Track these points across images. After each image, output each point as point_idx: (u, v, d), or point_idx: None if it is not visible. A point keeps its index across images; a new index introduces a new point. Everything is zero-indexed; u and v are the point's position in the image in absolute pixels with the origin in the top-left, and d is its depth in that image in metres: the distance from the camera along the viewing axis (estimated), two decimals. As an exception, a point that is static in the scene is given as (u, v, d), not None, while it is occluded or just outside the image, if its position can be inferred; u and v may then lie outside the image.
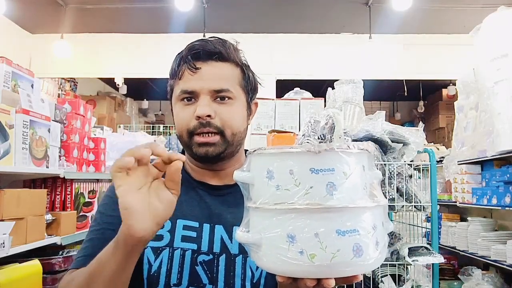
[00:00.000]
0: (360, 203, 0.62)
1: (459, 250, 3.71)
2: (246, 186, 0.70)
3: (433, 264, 1.92)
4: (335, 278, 0.63)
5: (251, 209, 0.68)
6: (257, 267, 0.95)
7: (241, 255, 0.93)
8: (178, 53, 1.00)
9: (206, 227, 0.96)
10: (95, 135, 3.44)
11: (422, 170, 2.04)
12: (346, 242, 0.60)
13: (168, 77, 1.04)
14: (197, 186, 1.02)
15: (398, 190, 1.89)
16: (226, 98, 0.96)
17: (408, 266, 1.95)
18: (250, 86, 1.03)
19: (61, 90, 6.80)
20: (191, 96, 0.95)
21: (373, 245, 0.62)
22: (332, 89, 2.31)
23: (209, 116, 0.93)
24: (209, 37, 1.01)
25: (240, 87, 0.99)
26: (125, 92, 8.11)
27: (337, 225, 0.60)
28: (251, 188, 0.69)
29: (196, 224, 0.96)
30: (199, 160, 1.00)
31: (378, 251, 0.63)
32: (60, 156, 2.61)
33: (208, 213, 0.98)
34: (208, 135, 0.94)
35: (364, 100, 2.19)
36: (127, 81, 7.18)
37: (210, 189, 1.01)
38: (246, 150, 1.10)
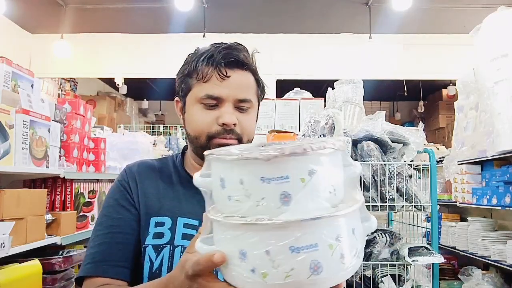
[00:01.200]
0: (320, 214, 0.53)
1: (459, 250, 3.71)
2: (206, 192, 0.64)
3: (433, 264, 1.93)
4: None
5: (208, 217, 0.62)
6: None
7: None
8: (205, 53, 0.97)
9: None
10: (95, 135, 3.44)
11: (422, 170, 2.05)
12: (302, 260, 0.53)
13: (175, 75, 1.03)
14: None
15: (398, 190, 1.89)
16: (246, 108, 0.98)
17: (408, 266, 1.95)
18: (262, 95, 1.07)
19: (61, 90, 6.80)
20: (215, 102, 0.96)
21: (337, 259, 0.54)
22: (332, 89, 2.31)
23: (234, 124, 0.96)
24: (233, 43, 1.00)
25: (256, 96, 1.03)
26: (125, 92, 8.11)
27: (291, 242, 0.53)
28: (212, 193, 0.63)
29: (196, 222, 0.97)
30: None
31: (346, 264, 0.55)
32: (60, 156, 2.61)
33: None
34: (228, 139, 0.96)
35: (364, 100, 2.19)
36: (127, 81, 7.18)
37: None
38: None
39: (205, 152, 0.64)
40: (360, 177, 1.82)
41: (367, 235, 0.66)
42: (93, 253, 0.95)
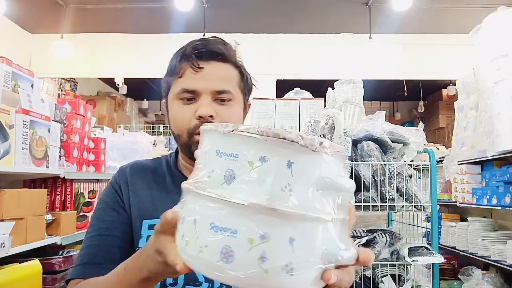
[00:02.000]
0: (251, 201, 0.50)
1: (459, 250, 3.71)
2: None
3: (433, 264, 1.93)
4: None
5: None
6: None
7: None
8: (178, 50, 0.99)
9: None
10: (95, 135, 3.44)
11: (422, 170, 2.05)
12: (216, 240, 0.51)
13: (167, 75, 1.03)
14: None
15: (398, 190, 1.89)
16: (227, 100, 0.96)
17: (408, 266, 1.95)
18: (247, 88, 1.04)
19: (61, 90, 6.80)
20: (191, 96, 0.95)
21: (254, 258, 0.49)
22: (332, 89, 2.31)
23: (211, 116, 0.93)
24: (210, 37, 1.01)
25: (239, 88, 1.00)
26: (125, 92, 8.12)
27: (214, 218, 0.51)
28: None
29: None
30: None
31: (268, 273, 0.49)
32: (60, 156, 2.61)
33: None
34: None
35: (364, 100, 2.19)
36: (127, 81, 7.18)
37: None
38: None
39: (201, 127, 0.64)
40: (360, 177, 1.82)
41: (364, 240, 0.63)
42: (82, 255, 0.94)
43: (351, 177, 1.77)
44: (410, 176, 1.93)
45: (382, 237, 1.89)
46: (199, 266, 0.54)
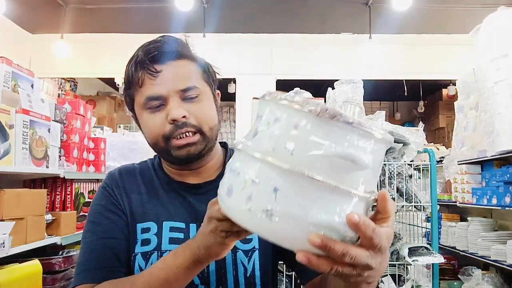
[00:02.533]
0: (252, 152, 0.58)
1: (459, 250, 3.71)
2: None
3: (433, 264, 1.93)
4: None
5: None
6: (248, 261, 0.94)
7: (230, 252, 0.89)
8: (131, 59, 0.96)
9: (193, 227, 0.95)
10: (95, 135, 3.44)
11: (422, 170, 2.05)
12: (227, 179, 0.62)
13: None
14: (177, 187, 1.00)
15: (398, 190, 1.89)
16: (194, 96, 0.93)
17: (408, 266, 1.95)
18: (211, 78, 1.01)
19: (61, 90, 6.80)
20: (159, 102, 0.92)
21: (243, 197, 0.57)
22: (332, 89, 2.31)
23: (184, 117, 0.90)
24: (159, 37, 0.98)
25: (203, 81, 0.97)
26: (125, 92, 8.11)
27: (231, 163, 0.63)
28: None
29: (182, 225, 0.95)
30: (179, 163, 0.97)
31: (250, 210, 0.56)
32: (60, 156, 2.61)
33: (193, 213, 0.96)
34: (187, 135, 0.91)
35: (364, 100, 2.19)
36: (127, 81, 7.18)
37: (191, 188, 0.99)
38: (222, 142, 1.09)
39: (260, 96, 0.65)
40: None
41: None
42: (86, 260, 0.91)
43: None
44: (410, 176, 1.93)
45: (382, 237, 1.89)
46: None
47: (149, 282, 0.78)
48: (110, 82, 7.64)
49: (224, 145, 1.10)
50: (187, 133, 0.91)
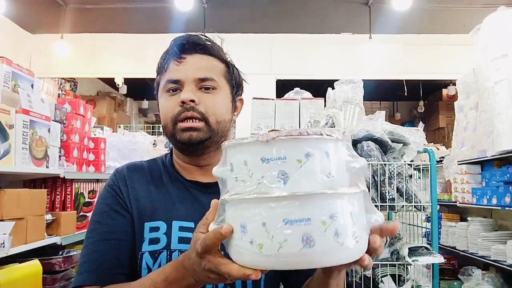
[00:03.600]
0: (314, 191, 0.58)
1: (459, 250, 3.71)
2: (220, 180, 0.70)
3: (433, 264, 1.93)
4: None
5: (220, 202, 0.68)
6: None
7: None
8: (165, 51, 1.02)
9: None
10: (95, 135, 3.44)
11: (422, 170, 2.05)
12: (294, 232, 0.57)
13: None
14: (189, 186, 1.00)
15: (398, 190, 1.89)
16: (211, 88, 0.97)
17: (408, 266, 1.95)
18: (235, 80, 1.04)
19: (61, 90, 6.79)
20: (176, 86, 0.97)
21: (331, 236, 0.57)
22: (332, 89, 2.31)
23: (193, 101, 0.94)
24: (195, 33, 1.03)
25: (224, 79, 1.01)
26: (125, 92, 8.11)
27: (285, 214, 0.58)
28: (225, 182, 0.70)
29: (191, 225, 0.94)
30: (183, 149, 0.99)
31: (343, 245, 0.58)
32: (60, 156, 2.61)
33: (203, 212, 0.95)
34: (192, 121, 0.95)
35: (364, 100, 2.19)
36: (127, 81, 7.18)
37: (202, 188, 1.00)
38: None
39: (223, 143, 0.68)
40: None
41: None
42: (88, 261, 0.91)
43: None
44: (410, 176, 1.93)
45: (382, 237, 1.89)
46: (281, 261, 0.59)
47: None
48: (110, 82, 7.64)
49: None
50: (193, 119, 0.95)
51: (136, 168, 1.03)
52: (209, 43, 1.00)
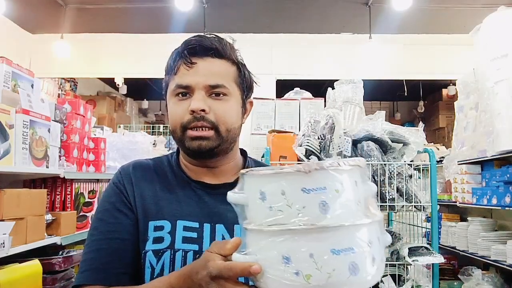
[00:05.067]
0: (354, 221, 0.61)
1: (459, 250, 3.71)
2: (240, 206, 0.70)
3: (433, 264, 1.93)
4: None
5: (247, 230, 0.67)
6: None
7: None
8: (175, 49, 1.00)
9: (207, 227, 0.94)
10: (95, 135, 3.44)
11: (422, 170, 2.05)
12: (342, 261, 0.60)
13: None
14: (195, 186, 1.00)
15: (398, 190, 1.89)
16: (221, 95, 0.95)
17: (408, 266, 1.95)
18: (245, 84, 1.02)
19: (61, 90, 6.79)
20: (186, 91, 0.95)
21: (370, 262, 0.62)
22: (332, 89, 2.31)
23: (203, 110, 0.93)
24: (207, 34, 1.01)
25: (235, 84, 0.99)
26: (125, 92, 8.11)
27: (332, 245, 0.60)
28: (245, 208, 0.69)
29: (196, 225, 0.94)
30: (192, 155, 0.99)
31: (375, 267, 0.63)
32: (60, 156, 2.60)
33: (208, 213, 0.96)
34: (202, 129, 0.93)
35: (364, 100, 2.19)
36: (127, 81, 7.18)
37: (208, 188, 0.99)
38: (241, 149, 1.09)
39: (241, 171, 0.68)
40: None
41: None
42: (90, 260, 0.91)
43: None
44: (410, 176, 1.93)
45: (382, 237, 1.89)
46: None
47: None
48: (110, 82, 7.64)
49: (243, 152, 1.10)
50: (202, 128, 0.93)
51: (142, 166, 1.03)
52: (221, 46, 0.98)
